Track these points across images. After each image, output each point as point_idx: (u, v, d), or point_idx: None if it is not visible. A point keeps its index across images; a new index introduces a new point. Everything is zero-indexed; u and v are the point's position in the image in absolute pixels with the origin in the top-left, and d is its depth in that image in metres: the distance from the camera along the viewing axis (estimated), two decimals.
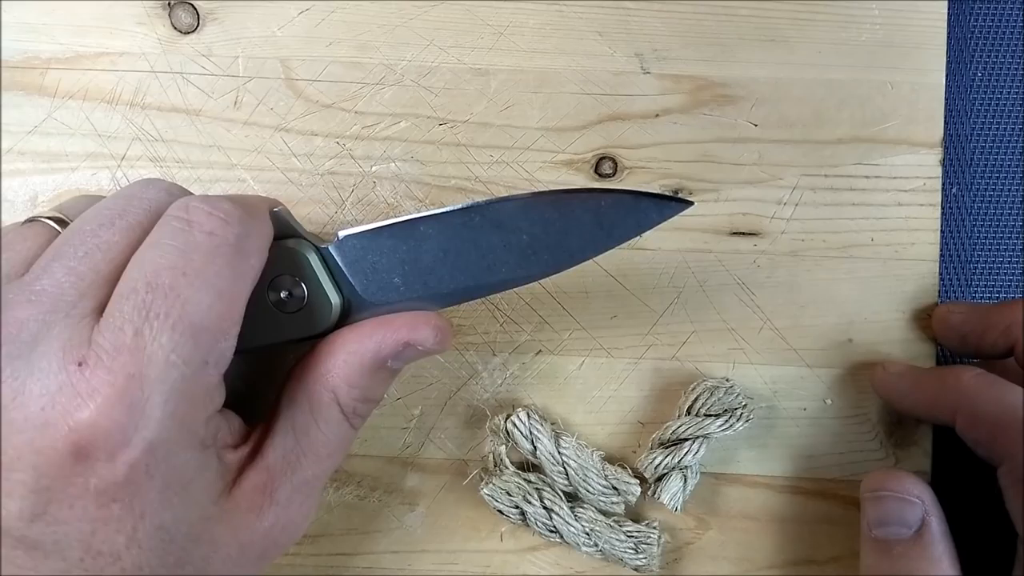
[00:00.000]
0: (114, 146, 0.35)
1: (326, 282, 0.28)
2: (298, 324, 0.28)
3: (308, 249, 0.28)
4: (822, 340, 0.35)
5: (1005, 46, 0.37)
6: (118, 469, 0.22)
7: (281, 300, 0.27)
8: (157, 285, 0.23)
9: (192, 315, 0.23)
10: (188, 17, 0.35)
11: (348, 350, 0.27)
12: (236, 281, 0.25)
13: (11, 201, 0.35)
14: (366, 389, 0.27)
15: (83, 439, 0.22)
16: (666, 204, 0.29)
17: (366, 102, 0.35)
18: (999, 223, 0.37)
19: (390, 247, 0.28)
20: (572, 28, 0.35)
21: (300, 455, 0.27)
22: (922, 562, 0.30)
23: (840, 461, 0.34)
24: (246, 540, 0.26)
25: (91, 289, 0.24)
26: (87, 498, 0.22)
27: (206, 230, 0.25)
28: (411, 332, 0.27)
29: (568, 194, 0.28)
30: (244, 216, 0.26)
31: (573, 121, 0.35)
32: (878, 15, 0.35)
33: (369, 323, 0.27)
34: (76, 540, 0.23)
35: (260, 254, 0.26)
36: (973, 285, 0.36)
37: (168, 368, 0.23)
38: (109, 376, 0.22)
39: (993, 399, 0.30)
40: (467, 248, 0.28)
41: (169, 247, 0.24)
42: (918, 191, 0.35)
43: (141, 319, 0.23)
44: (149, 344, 0.23)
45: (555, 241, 0.28)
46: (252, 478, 0.26)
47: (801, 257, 0.35)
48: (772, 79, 0.35)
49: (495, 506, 0.33)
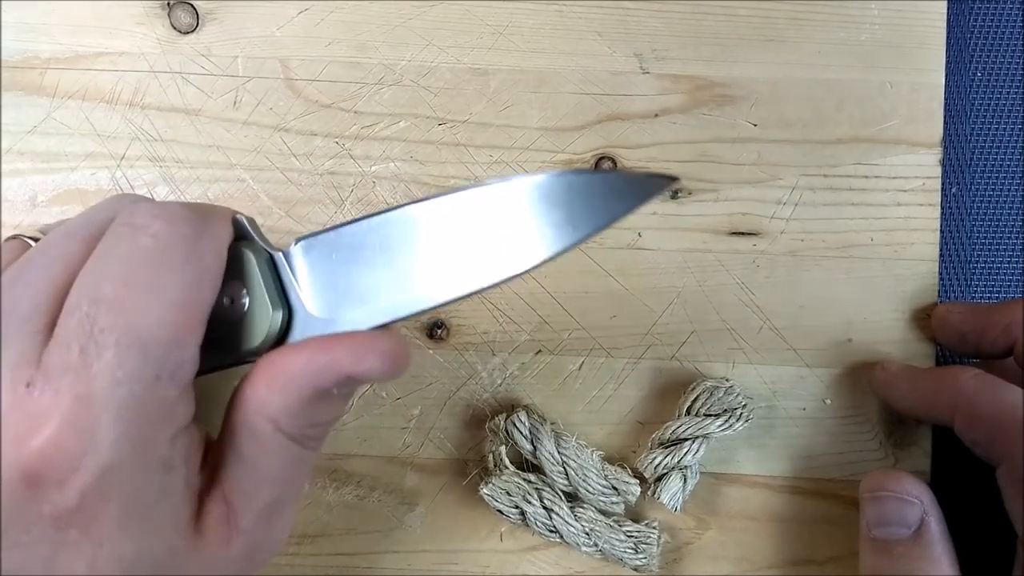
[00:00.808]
0: (113, 146, 0.35)
1: (270, 291, 0.24)
2: (236, 337, 0.24)
3: (255, 252, 0.25)
4: (821, 340, 0.35)
5: (1005, 46, 0.37)
6: (69, 495, 0.21)
7: (222, 306, 0.24)
8: (100, 298, 0.22)
9: (138, 327, 0.22)
10: (187, 17, 0.35)
11: (283, 380, 0.23)
12: (190, 287, 0.23)
13: (11, 201, 0.35)
14: (311, 416, 0.24)
15: (32, 466, 0.21)
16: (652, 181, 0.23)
17: (365, 102, 0.35)
18: (999, 223, 0.37)
19: (346, 253, 0.24)
20: (571, 28, 0.35)
21: (256, 483, 0.24)
22: (922, 562, 0.30)
23: (839, 461, 0.34)
24: (219, 571, 0.24)
25: (45, 303, 0.22)
26: (43, 524, 0.21)
27: (150, 233, 0.23)
28: (354, 362, 0.23)
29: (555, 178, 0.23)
30: (193, 217, 0.24)
31: (572, 121, 0.35)
32: (877, 15, 0.35)
33: (307, 347, 0.24)
34: (38, 563, 0.21)
35: (217, 257, 0.24)
36: (973, 285, 0.36)
37: (115, 386, 0.21)
38: (56, 398, 0.21)
39: (991, 399, 0.30)
40: (435, 249, 0.24)
41: (113, 256, 0.23)
42: (917, 191, 0.35)
43: (85, 335, 0.21)
44: (94, 362, 0.21)
45: (529, 233, 0.23)
46: (212, 510, 0.24)
47: (800, 257, 0.35)
48: (771, 79, 0.35)
49: (495, 506, 0.33)
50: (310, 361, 0.23)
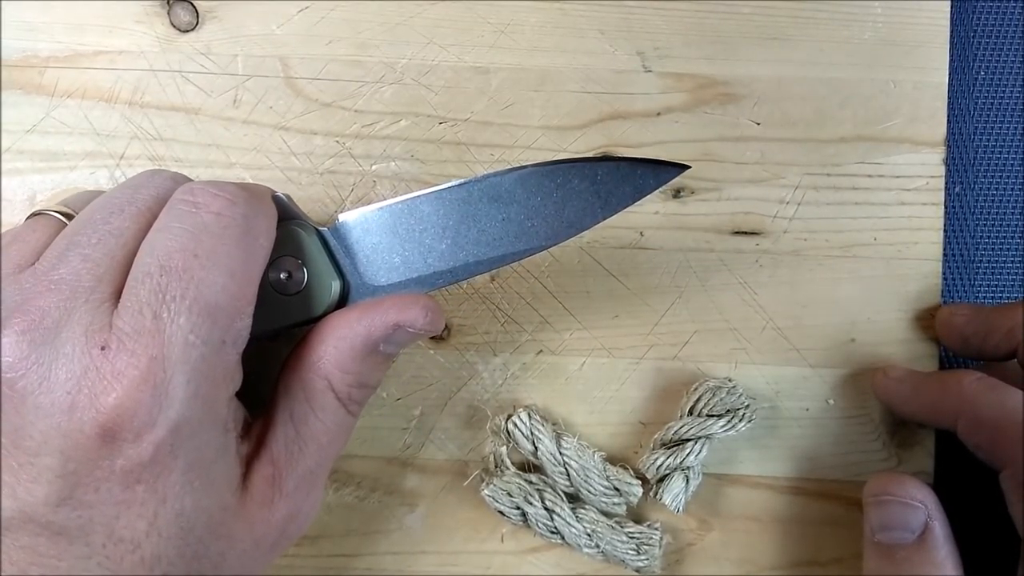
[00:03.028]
0: (112, 145, 0.35)
1: (325, 264, 0.28)
2: (297, 307, 0.28)
3: (308, 231, 0.28)
4: (824, 340, 0.35)
5: (1008, 44, 0.37)
6: (144, 449, 0.23)
7: (281, 281, 0.28)
8: (171, 267, 0.24)
9: (207, 295, 0.24)
10: (187, 15, 0.35)
11: (338, 335, 0.27)
12: (247, 260, 0.25)
13: (10, 200, 0.35)
14: (360, 375, 0.27)
15: (110, 421, 0.23)
16: (663, 169, 0.29)
17: (366, 100, 0.35)
18: (1002, 222, 0.36)
19: (389, 227, 0.28)
20: (573, 26, 0.35)
21: (302, 445, 0.27)
22: (926, 567, 0.29)
23: (843, 462, 0.34)
24: (260, 534, 0.26)
25: (107, 275, 0.24)
26: (113, 480, 0.23)
27: (213, 211, 0.25)
28: (400, 313, 0.27)
29: (564, 164, 0.28)
30: (249, 197, 0.26)
31: (574, 120, 0.35)
32: (881, 13, 0.35)
33: (358, 307, 0.27)
34: (100, 525, 0.23)
35: (268, 234, 0.26)
36: (976, 284, 0.36)
37: (188, 348, 0.23)
38: (132, 359, 0.23)
39: (994, 403, 0.30)
40: (466, 224, 0.28)
41: (178, 229, 0.25)
42: (921, 190, 0.35)
43: (158, 302, 0.23)
44: (168, 326, 0.23)
45: (553, 212, 0.28)
46: (260, 471, 0.26)
47: (803, 256, 0.35)
48: (774, 77, 0.35)
49: (496, 507, 0.33)
50: (361, 315, 0.27)
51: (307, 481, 0.27)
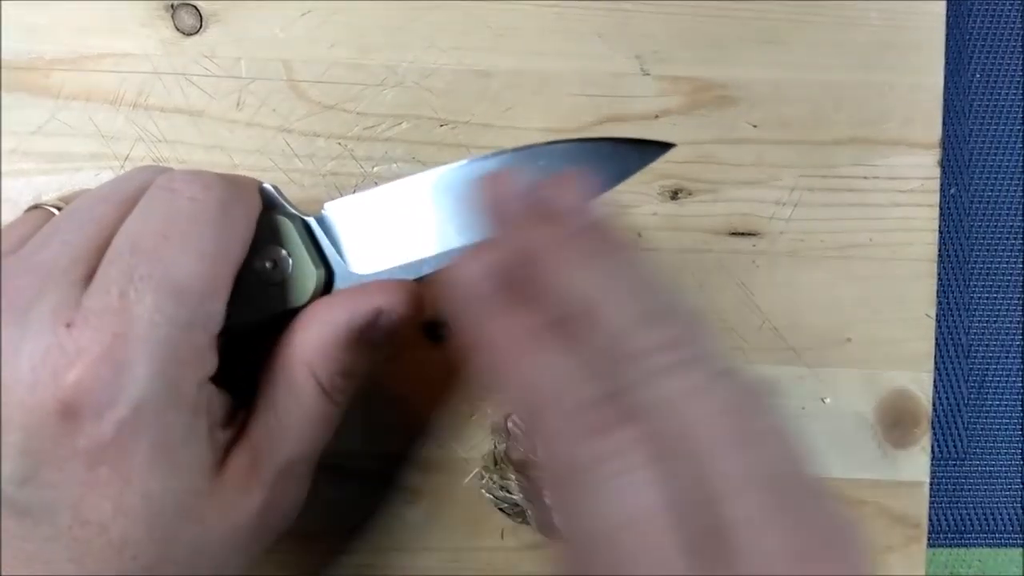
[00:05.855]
0: (117, 147, 0.35)
1: (310, 253, 0.28)
2: (281, 296, 0.27)
3: (294, 220, 0.28)
4: (820, 339, 0.35)
5: (1004, 47, 0.37)
6: (105, 428, 0.23)
7: (265, 270, 0.27)
8: (141, 248, 0.24)
9: (175, 275, 0.24)
10: (191, 19, 0.35)
11: (320, 320, 0.26)
12: (220, 243, 0.25)
13: (14, 201, 0.35)
14: (343, 363, 0.27)
15: (71, 397, 0.22)
16: (646, 148, 0.29)
17: (368, 103, 0.35)
18: (997, 224, 0.37)
19: (374, 215, 0.28)
20: (572, 30, 0.35)
21: (282, 433, 0.26)
22: None
23: (838, 461, 0.35)
24: (237, 521, 0.25)
25: (83, 256, 0.24)
26: (76, 460, 0.23)
27: (187, 196, 0.25)
28: (382, 298, 0.26)
29: (546, 147, 0.28)
30: (227, 184, 0.26)
31: (573, 122, 0.35)
32: (876, 16, 0.35)
33: (340, 293, 0.27)
34: (66, 506, 0.23)
35: (246, 220, 0.26)
36: (971, 286, 0.36)
37: (153, 327, 0.23)
38: (96, 335, 0.23)
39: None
40: (450, 210, 0.28)
41: (152, 213, 0.25)
42: (916, 192, 0.35)
43: (126, 281, 0.23)
44: (134, 305, 0.23)
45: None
46: (238, 457, 0.26)
47: (800, 257, 0.35)
48: (771, 80, 0.35)
49: (496, 504, 0.33)
50: (343, 301, 0.27)
51: (288, 470, 0.26)
